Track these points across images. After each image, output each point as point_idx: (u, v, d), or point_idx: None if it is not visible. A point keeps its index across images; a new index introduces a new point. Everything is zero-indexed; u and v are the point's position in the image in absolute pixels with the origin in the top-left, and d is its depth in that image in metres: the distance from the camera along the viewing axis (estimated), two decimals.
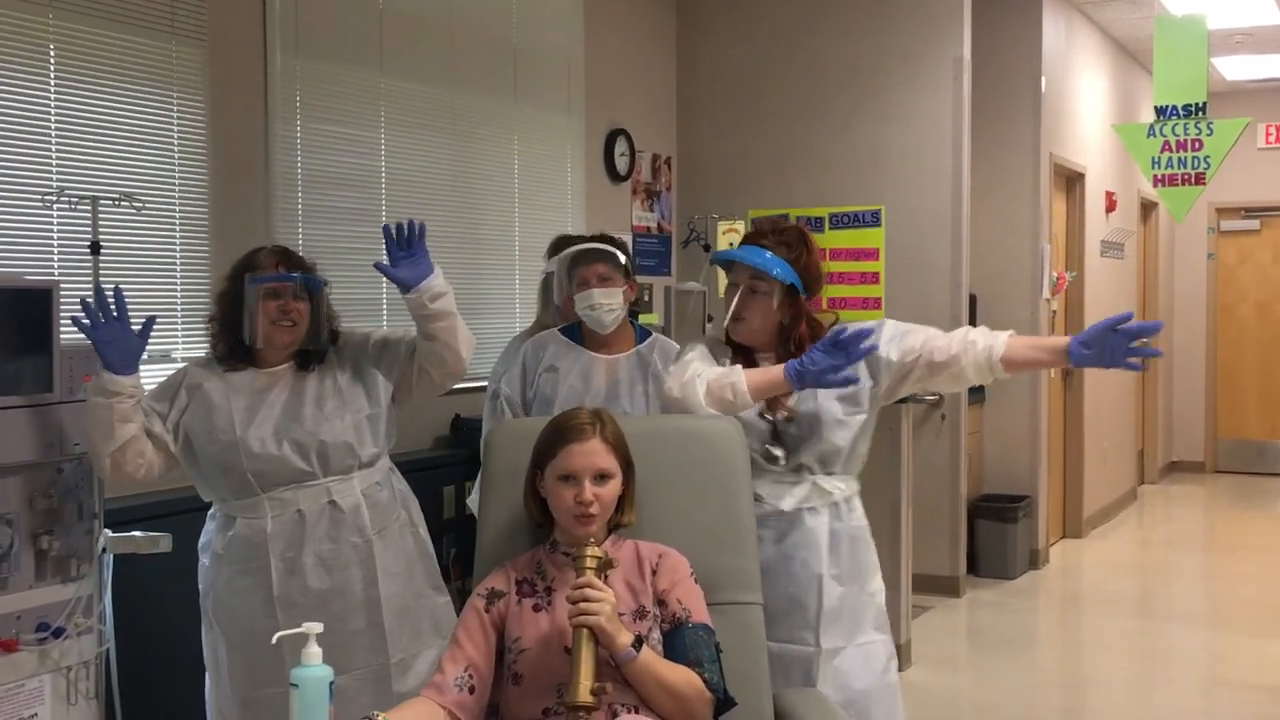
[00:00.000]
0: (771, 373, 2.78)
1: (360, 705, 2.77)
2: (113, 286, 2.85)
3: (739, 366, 2.82)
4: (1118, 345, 2.69)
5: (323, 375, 3.05)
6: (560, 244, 4.10)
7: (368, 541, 3.02)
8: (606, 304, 3.49)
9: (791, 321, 2.89)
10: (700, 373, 2.80)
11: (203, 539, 3.08)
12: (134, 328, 2.85)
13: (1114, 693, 5.30)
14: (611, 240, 3.78)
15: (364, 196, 4.83)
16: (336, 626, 2.92)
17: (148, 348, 2.90)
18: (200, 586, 3.08)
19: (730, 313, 2.89)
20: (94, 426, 2.83)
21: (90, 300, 2.80)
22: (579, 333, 3.61)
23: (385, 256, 3.00)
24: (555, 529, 2.48)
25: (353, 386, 3.07)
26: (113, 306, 2.80)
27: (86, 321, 2.79)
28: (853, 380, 2.74)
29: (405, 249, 2.95)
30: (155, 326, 2.85)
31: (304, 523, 2.96)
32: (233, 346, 3.01)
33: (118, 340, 2.81)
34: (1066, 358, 2.77)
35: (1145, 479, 10.46)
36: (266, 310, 2.95)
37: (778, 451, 2.84)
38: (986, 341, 2.84)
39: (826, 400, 2.86)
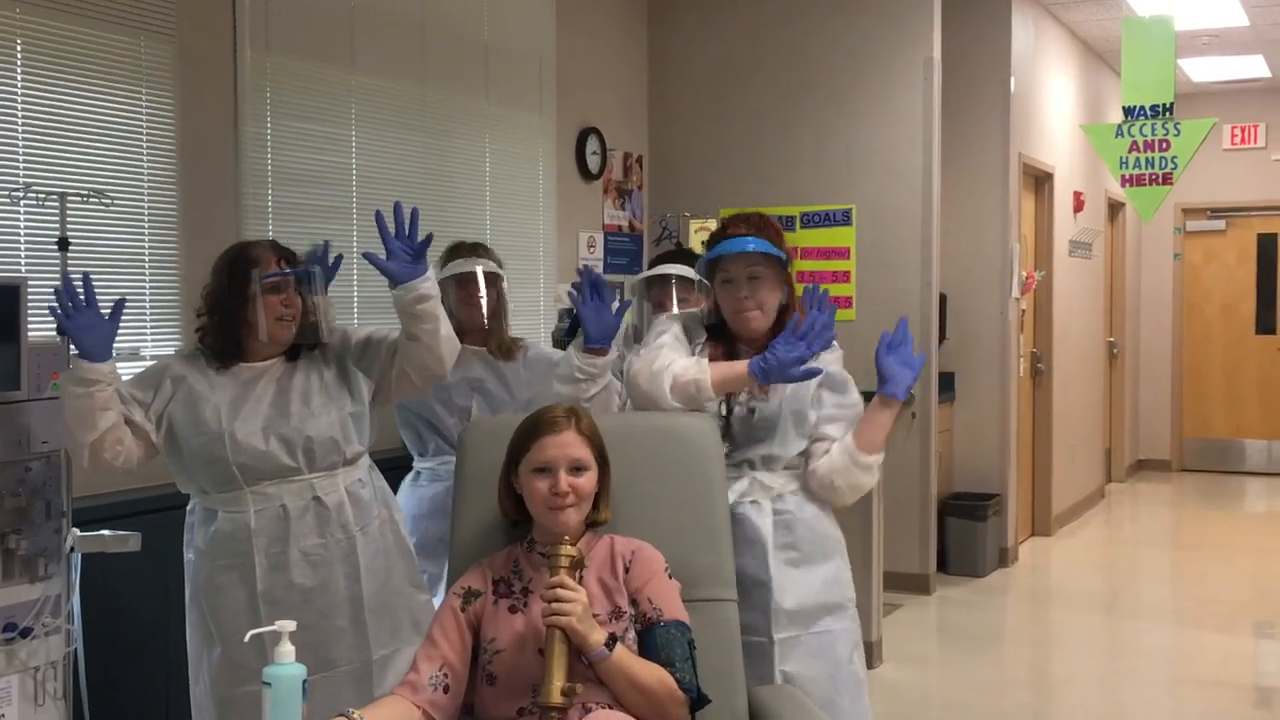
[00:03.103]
0: (736, 368, 2.81)
1: (342, 702, 2.74)
2: (81, 275, 2.81)
3: (705, 361, 2.84)
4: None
5: (309, 371, 3.03)
6: (453, 252, 3.94)
7: (351, 538, 3.00)
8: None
9: (788, 300, 2.92)
10: (669, 364, 2.82)
11: (186, 534, 3.05)
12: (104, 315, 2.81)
13: (1081, 690, 5.33)
14: (688, 255, 3.80)
15: (334, 194, 4.80)
16: (320, 623, 2.92)
17: (116, 346, 2.87)
18: (186, 582, 3.04)
19: (736, 310, 2.89)
20: (73, 416, 2.78)
21: (61, 289, 2.76)
22: None
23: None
24: (533, 527, 2.47)
25: (338, 384, 3.05)
26: (82, 295, 2.77)
27: (60, 311, 2.76)
28: (815, 373, 2.77)
29: (407, 244, 2.91)
30: (124, 324, 2.81)
31: (288, 518, 2.93)
32: (224, 342, 2.97)
33: (91, 328, 2.77)
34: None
35: (1112, 477, 10.54)
36: (270, 305, 2.92)
37: (725, 448, 2.84)
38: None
39: (791, 407, 2.88)
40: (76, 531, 3.02)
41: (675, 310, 3.58)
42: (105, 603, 3.32)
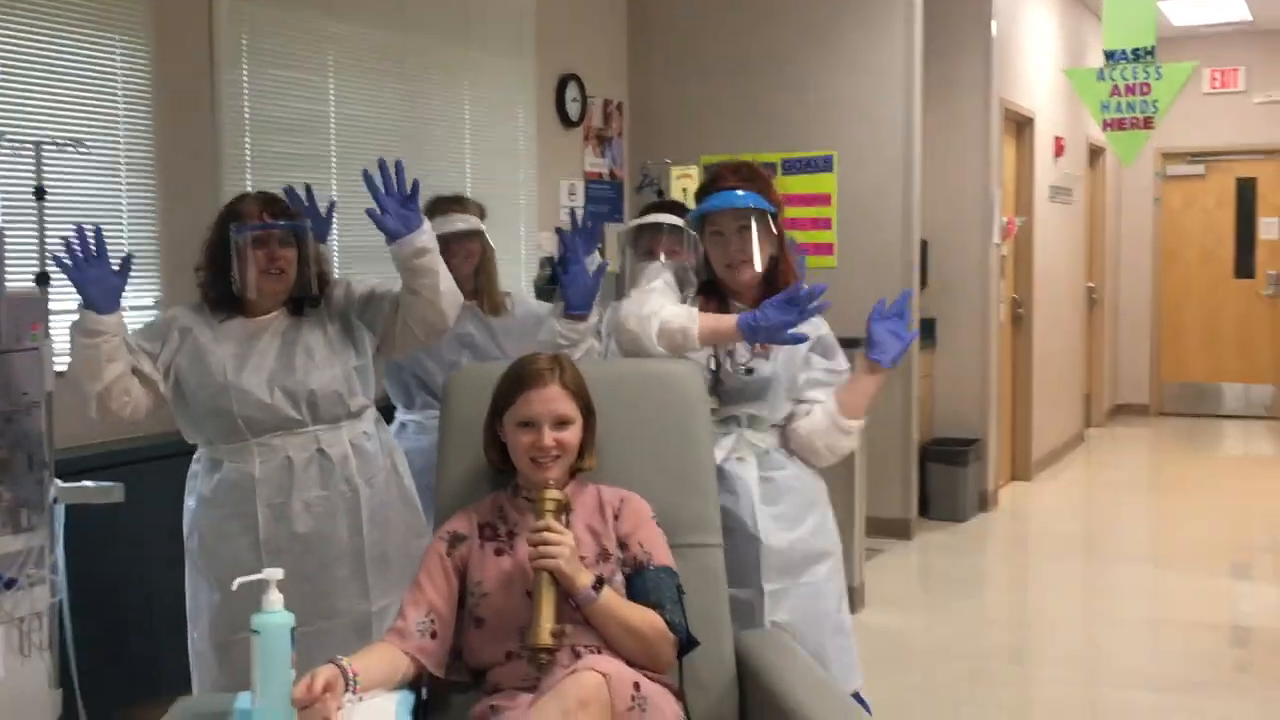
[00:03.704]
0: (725, 322, 2.78)
1: (343, 652, 2.76)
2: (93, 227, 2.81)
3: (695, 310, 2.82)
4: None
5: (313, 324, 3.03)
6: (433, 207, 3.87)
7: (354, 490, 3.01)
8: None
9: (778, 252, 2.90)
10: (658, 310, 2.80)
11: (189, 483, 3.05)
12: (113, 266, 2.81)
13: (1061, 631, 5.39)
14: (676, 206, 3.78)
15: (313, 142, 4.76)
16: (321, 573, 2.95)
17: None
18: (185, 529, 3.04)
19: (727, 263, 2.87)
20: (80, 367, 2.79)
21: (73, 240, 2.76)
22: None
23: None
24: (516, 474, 2.47)
25: (342, 337, 3.05)
26: (93, 245, 2.77)
27: (68, 261, 2.76)
28: (801, 339, 2.76)
29: (399, 198, 2.88)
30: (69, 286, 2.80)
31: (292, 469, 2.94)
32: (222, 295, 2.96)
33: (99, 279, 2.78)
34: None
35: (1092, 422, 10.60)
36: (255, 259, 2.91)
37: (712, 404, 2.84)
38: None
39: (786, 371, 2.88)
40: (59, 483, 3.01)
41: (663, 260, 3.56)
42: (89, 554, 3.31)
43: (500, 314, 3.76)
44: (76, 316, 2.79)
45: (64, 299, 3.71)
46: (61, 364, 3.30)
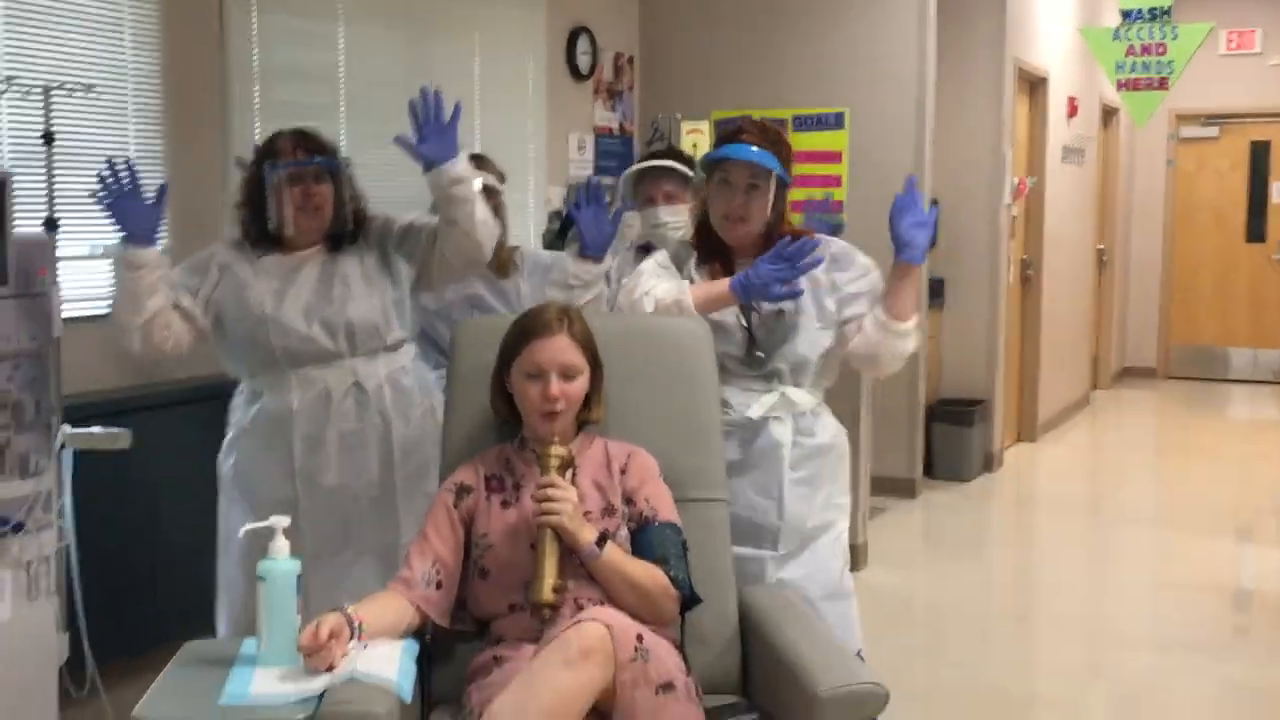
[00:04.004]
0: (717, 286, 2.79)
1: (370, 585, 2.80)
2: (125, 160, 2.84)
3: (686, 284, 2.82)
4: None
5: (350, 257, 3.06)
6: None
7: (387, 423, 3.05)
8: (672, 221, 3.47)
9: (777, 219, 2.87)
10: (649, 290, 2.81)
11: (230, 415, 3.11)
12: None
13: (1065, 592, 5.41)
14: (679, 155, 3.77)
15: (321, 91, 4.74)
16: (352, 505, 3.02)
17: (104, 245, 2.87)
18: (220, 458, 3.10)
19: (725, 214, 2.85)
20: (121, 299, 2.87)
21: (107, 174, 2.79)
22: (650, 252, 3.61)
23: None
24: (523, 426, 2.47)
25: (380, 270, 3.08)
26: (126, 179, 2.80)
27: (106, 195, 2.80)
28: (796, 293, 2.74)
29: (439, 125, 2.87)
30: (106, 219, 2.81)
31: (329, 402, 3.00)
32: (260, 232, 3.00)
33: (136, 211, 2.83)
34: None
35: (1098, 385, 10.59)
36: (290, 196, 2.95)
37: (760, 353, 2.83)
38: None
39: (813, 300, 2.85)
40: (67, 428, 3.02)
41: (663, 205, 3.55)
42: (98, 500, 3.32)
43: (510, 274, 3.76)
44: (118, 250, 2.86)
45: (73, 243, 3.72)
46: (69, 309, 3.31)
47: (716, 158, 2.86)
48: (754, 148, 2.82)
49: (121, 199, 2.81)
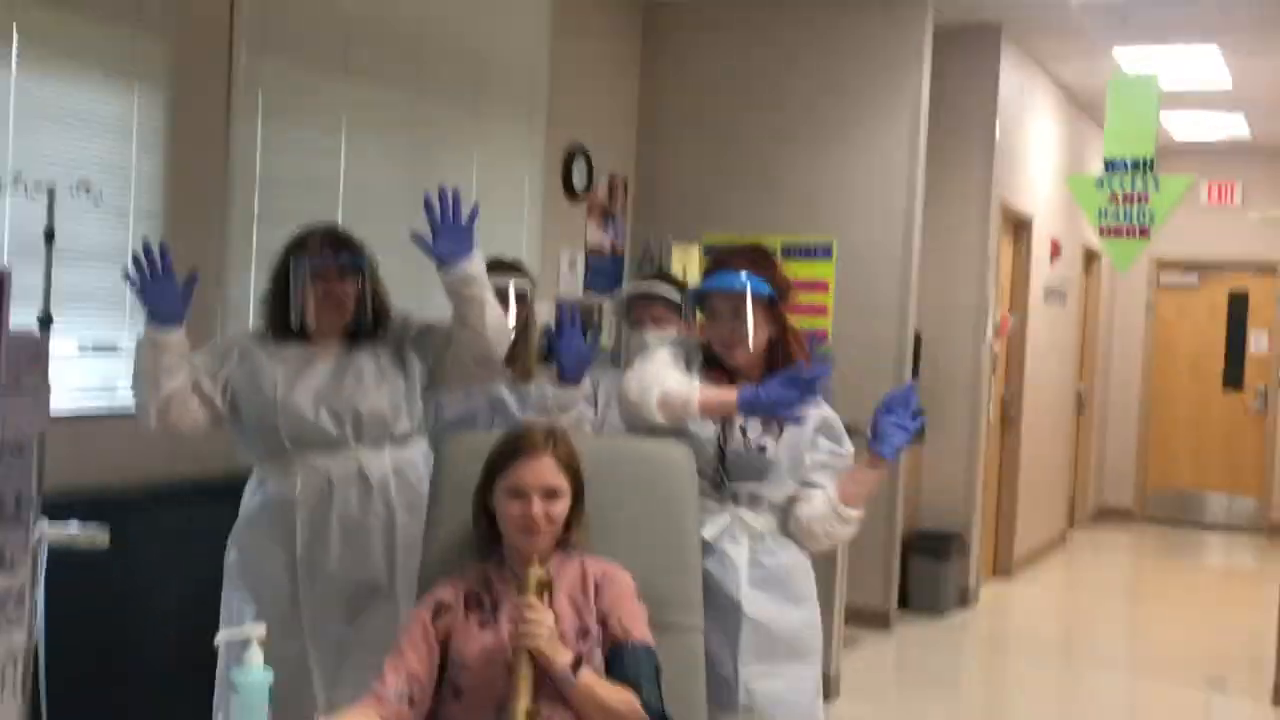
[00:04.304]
0: (726, 395, 2.81)
1: (371, 677, 2.80)
2: (161, 242, 2.93)
3: (697, 383, 2.85)
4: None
5: (367, 350, 3.13)
6: (491, 269, 3.95)
7: (392, 514, 3.08)
8: (657, 346, 3.52)
9: (778, 335, 2.92)
10: (661, 379, 2.83)
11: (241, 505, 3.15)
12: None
13: None
14: (669, 279, 3.84)
15: (321, 200, 4.81)
16: (354, 594, 3.05)
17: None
18: (227, 545, 3.14)
19: (720, 342, 2.90)
20: (141, 378, 2.93)
21: (140, 255, 2.87)
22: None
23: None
24: (503, 544, 2.48)
25: (394, 364, 3.15)
26: (159, 262, 2.88)
27: (136, 278, 2.88)
28: (799, 418, 2.78)
29: (455, 224, 2.95)
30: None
31: (332, 489, 3.03)
32: (284, 323, 3.08)
33: (166, 294, 2.90)
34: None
35: (1075, 524, 10.61)
36: (314, 290, 3.04)
37: (725, 478, 2.86)
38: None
39: (791, 452, 2.89)
40: (45, 524, 3.00)
41: (651, 329, 3.61)
42: (71, 599, 3.29)
43: (530, 380, 3.81)
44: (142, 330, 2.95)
45: (65, 341, 3.74)
46: (59, 410, 3.32)
47: (700, 292, 2.93)
48: (741, 274, 2.86)
49: (152, 282, 2.89)
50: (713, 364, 2.96)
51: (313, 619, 3.03)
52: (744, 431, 2.88)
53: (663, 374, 2.85)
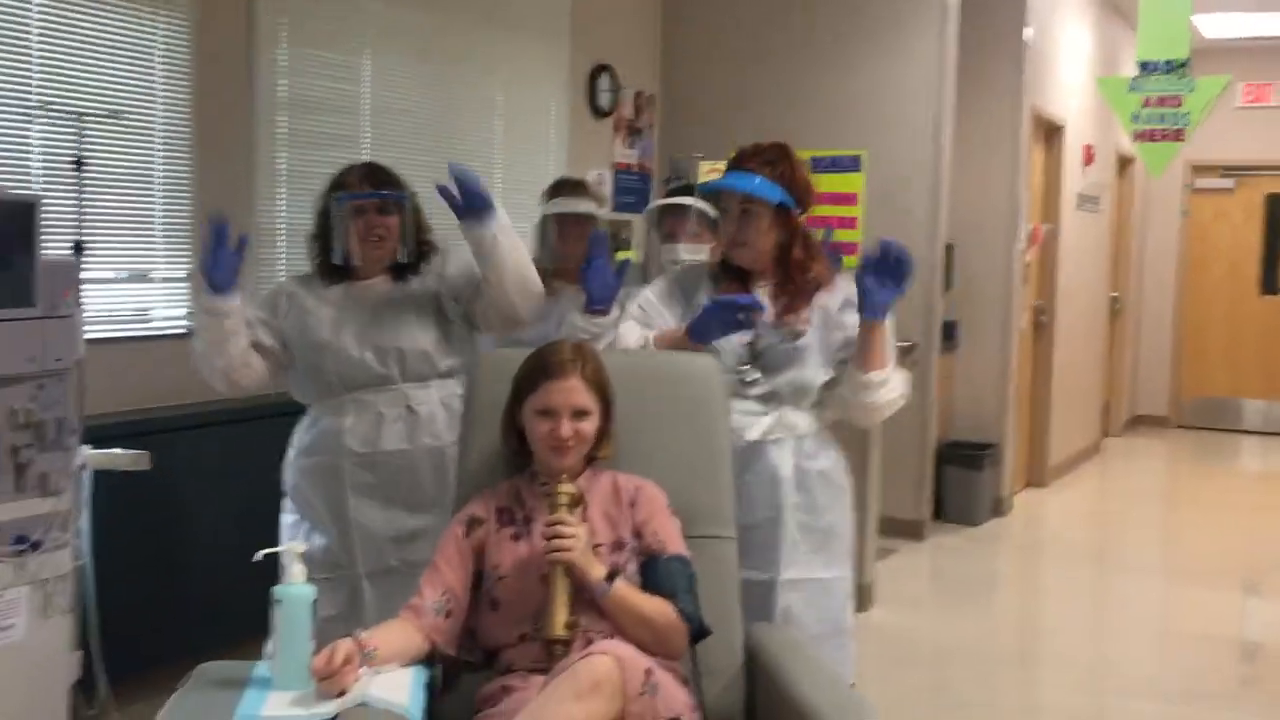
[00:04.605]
0: (677, 334, 2.88)
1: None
2: (218, 215, 2.97)
3: (651, 333, 2.92)
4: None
5: (410, 287, 3.18)
6: (557, 188, 4.09)
7: (440, 446, 3.15)
8: (690, 260, 3.52)
9: (787, 240, 2.91)
10: (625, 334, 2.91)
11: (292, 438, 3.22)
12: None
13: (1070, 639, 5.41)
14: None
15: (346, 122, 4.80)
16: (404, 523, 3.13)
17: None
18: (284, 475, 3.21)
19: (729, 240, 2.91)
20: (206, 346, 3.00)
21: (209, 230, 2.92)
22: None
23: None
24: (533, 460, 2.51)
25: (434, 302, 3.19)
26: (223, 235, 2.93)
27: (205, 257, 2.93)
28: (749, 325, 2.79)
29: (475, 187, 2.98)
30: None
31: (381, 423, 3.11)
32: (328, 263, 3.13)
33: (221, 264, 2.94)
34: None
35: (1109, 432, 10.59)
36: (355, 228, 3.08)
37: (754, 375, 2.87)
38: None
39: (821, 332, 2.89)
40: (87, 449, 3.06)
41: (683, 242, 3.60)
42: (114, 519, 3.36)
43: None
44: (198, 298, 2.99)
45: (98, 268, 3.78)
46: (93, 331, 3.37)
47: (709, 189, 2.92)
48: (755, 177, 2.86)
49: (212, 253, 2.93)
50: (728, 270, 2.97)
51: (364, 548, 3.11)
52: (775, 325, 2.88)
53: (624, 335, 2.90)
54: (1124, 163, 10.30)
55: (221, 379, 3.05)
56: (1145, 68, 6.79)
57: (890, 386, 2.87)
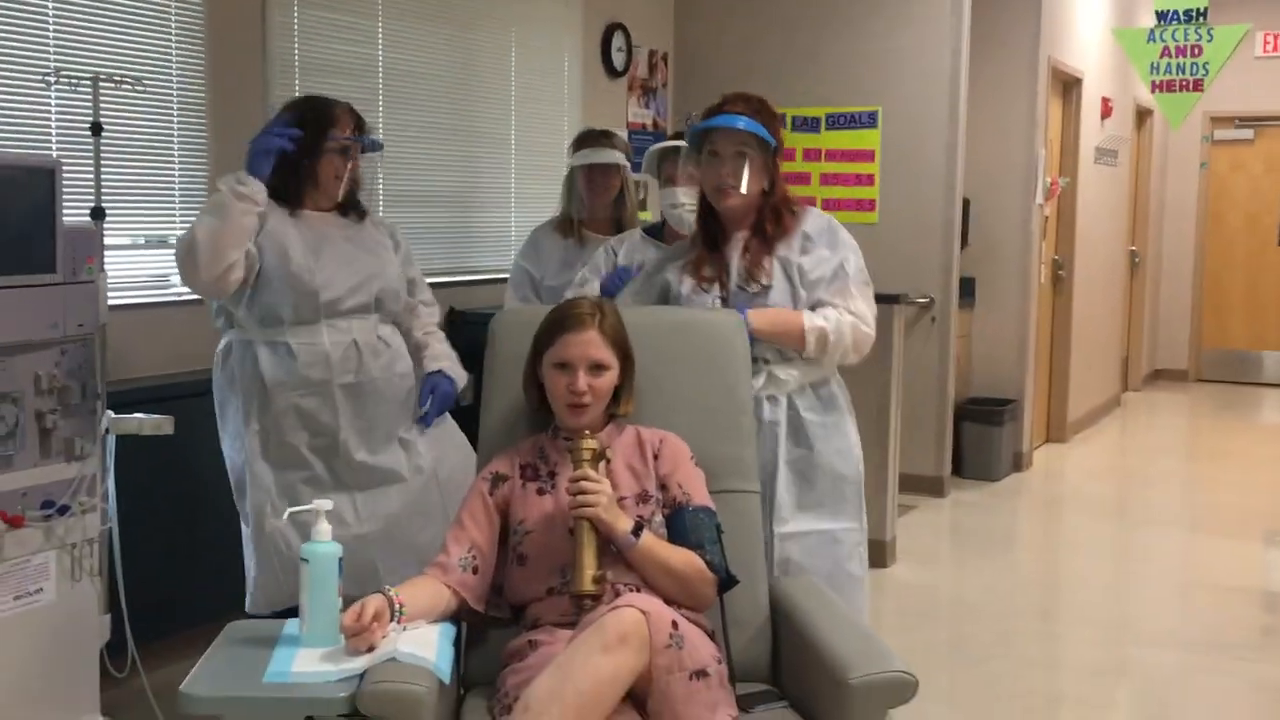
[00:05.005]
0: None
1: (400, 503, 3.19)
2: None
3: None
4: None
5: (368, 230, 3.26)
6: (583, 139, 4.15)
7: (408, 374, 3.26)
8: (688, 204, 3.52)
9: (772, 186, 2.93)
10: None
11: (238, 367, 3.13)
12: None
13: (1090, 592, 5.41)
14: None
15: (360, 85, 4.79)
16: (389, 446, 3.20)
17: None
18: (243, 416, 3.13)
19: (716, 185, 2.91)
20: (229, 233, 2.95)
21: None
22: (660, 232, 3.68)
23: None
24: (555, 415, 2.52)
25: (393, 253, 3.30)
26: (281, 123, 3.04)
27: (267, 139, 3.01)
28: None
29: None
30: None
31: (360, 353, 3.14)
32: (291, 188, 3.12)
33: (269, 143, 3.01)
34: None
35: (1129, 386, 10.56)
36: (336, 165, 3.12)
37: None
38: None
39: (783, 286, 2.90)
40: (111, 414, 3.08)
41: (683, 185, 3.59)
42: (139, 483, 3.38)
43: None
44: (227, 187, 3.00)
45: (118, 234, 3.79)
46: (114, 297, 3.38)
47: (702, 128, 2.91)
48: (740, 117, 2.86)
49: (270, 131, 3.02)
50: (704, 224, 2.98)
51: (353, 479, 3.15)
52: (740, 280, 2.91)
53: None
54: (1142, 116, 10.22)
55: (216, 278, 2.96)
56: (1162, 17, 6.72)
57: (836, 338, 2.89)
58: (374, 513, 3.15)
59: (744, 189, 2.87)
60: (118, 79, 3.38)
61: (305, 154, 3.09)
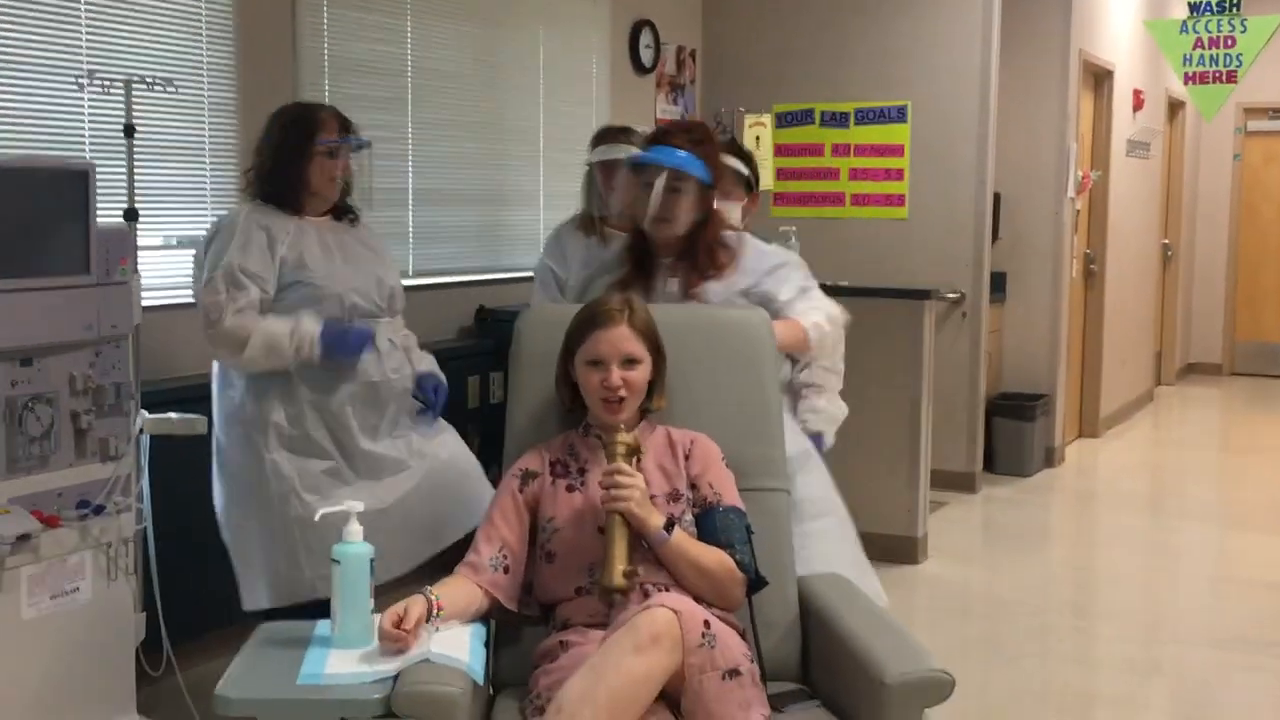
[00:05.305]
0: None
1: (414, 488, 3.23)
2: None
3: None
4: None
5: (364, 234, 3.32)
6: (601, 136, 4.16)
7: (408, 374, 3.33)
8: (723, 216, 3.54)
9: (704, 220, 2.97)
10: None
11: (249, 382, 3.18)
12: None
13: (1124, 588, 5.38)
14: (739, 150, 3.88)
15: (389, 85, 4.81)
16: (407, 434, 3.29)
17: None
18: (258, 411, 3.16)
19: (651, 215, 2.92)
20: (272, 365, 3.08)
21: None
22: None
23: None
24: (588, 413, 2.52)
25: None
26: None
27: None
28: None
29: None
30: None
31: (379, 352, 3.21)
32: (284, 194, 3.15)
33: (359, 343, 3.16)
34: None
35: (1162, 380, 10.48)
36: (327, 168, 3.15)
37: None
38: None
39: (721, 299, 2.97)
40: (145, 414, 3.10)
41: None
42: (173, 483, 3.40)
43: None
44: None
45: (151, 234, 3.81)
46: (148, 298, 3.40)
47: (639, 161, 2.93)
48: (680, 151, 2.90)
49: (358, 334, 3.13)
50: (634, 251, 3.03)
51: (368, 470, 3.20)
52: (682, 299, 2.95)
53: None
54: (1174, 108, 10.14)
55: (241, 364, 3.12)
56: (1195, 9, 6.66)
57: (831, 328, 3.03)
58: (383, 497, 3.19)
59: (678, 228, 2.93)
60: (149, 81, 3.39)
61: (293, 161, 3.13)
